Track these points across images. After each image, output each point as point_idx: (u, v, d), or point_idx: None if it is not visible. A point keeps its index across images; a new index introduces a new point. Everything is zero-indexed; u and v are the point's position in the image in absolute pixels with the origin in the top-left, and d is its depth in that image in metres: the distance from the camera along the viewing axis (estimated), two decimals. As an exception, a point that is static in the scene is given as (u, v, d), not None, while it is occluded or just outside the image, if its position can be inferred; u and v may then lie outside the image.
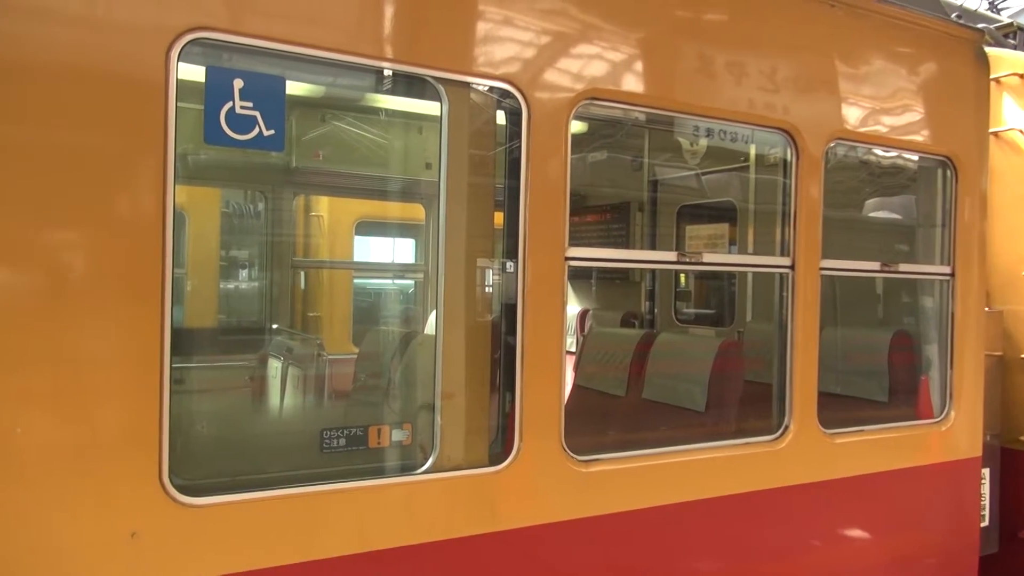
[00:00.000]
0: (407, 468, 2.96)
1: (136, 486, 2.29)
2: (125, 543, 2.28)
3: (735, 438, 3.72)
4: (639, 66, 3.29)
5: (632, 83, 3.26)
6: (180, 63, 2.34)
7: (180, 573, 2.37)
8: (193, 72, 2.44)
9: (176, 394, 2.37)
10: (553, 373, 3.01)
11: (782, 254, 3.75)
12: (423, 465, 2.89)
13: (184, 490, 2.36)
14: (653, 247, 6.75)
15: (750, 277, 6.06)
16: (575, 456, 3.07)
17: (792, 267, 3.71)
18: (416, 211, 6.12)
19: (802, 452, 3.71)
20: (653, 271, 6.71)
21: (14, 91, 2.16)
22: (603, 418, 4.65)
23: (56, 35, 2.21)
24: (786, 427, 3.69)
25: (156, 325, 2.30)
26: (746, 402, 4.14)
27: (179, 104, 2.34)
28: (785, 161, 3.76)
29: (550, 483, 3.02)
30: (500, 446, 3.00)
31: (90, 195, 2.24)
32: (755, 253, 5.72)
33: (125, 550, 2.28)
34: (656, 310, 6.80)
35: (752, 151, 5.33)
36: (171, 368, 2.34)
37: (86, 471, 2.23)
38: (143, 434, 2.29)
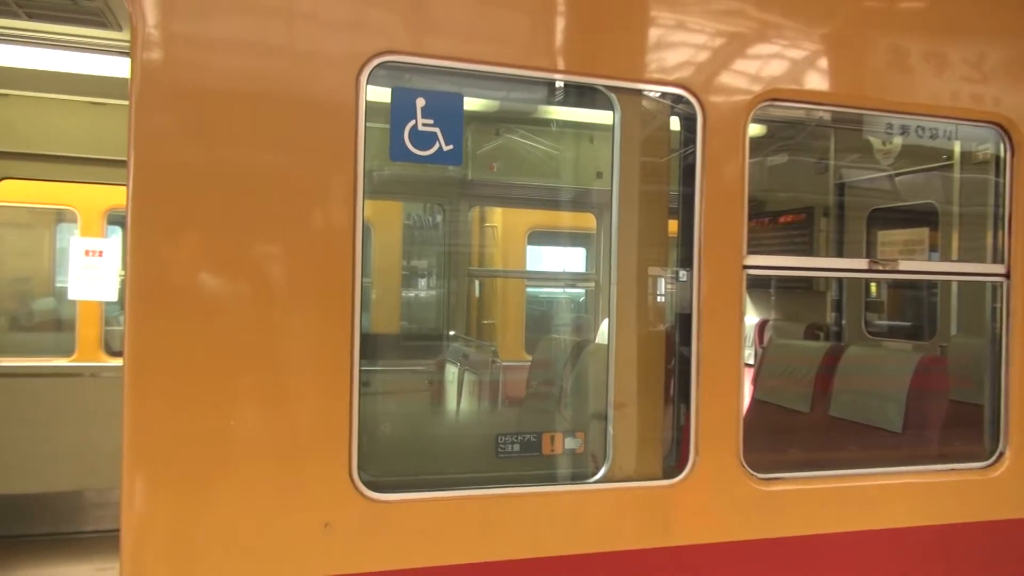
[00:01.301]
0: (578, 477, 2.96)
1: (329, 480, 2.46)
2: (319, 532, 2.46)
3: (938, 463, 3.39)
4: (823, 63, 3.10)
5: (816, 81, 3.08)
6: (368, 85, 2.51)
7: (367, 563, 2.51)
8: (378, 93, 2.60)
9: (363, 396, 2.53)
10: (731, 385, 2.90)
11: (995, 261, 3.37)
12: (595, 474, 2.87)
13: (371, 486, 2.51)
14: (840, 254, 6.32)
15: (955, 286, 5.51)
16: (755, 473, 2.93)
17: (1007, 275, 3.32)
18: (587, 220, 6.15)
19: (1021, 482, 3.30)
20: (840, 280, 6.28)
21: (228, 119, 2.40)
22: (785, 434, 4.41)
23: (262, 66, 2.44)
24: (1001, 453, 3.30)
25: (347, 331, 2.46)
26: (951, 424, 3.75)
27: (366, 124, 2.51)
28: (998, 158, 3.38)
29: (727, 500, 2.90)
30: (674, 459, 2.93)
31: (290, 212, 2.45)
32: (961, 260, 5.19)
33: (319, 538, 2.46)
34: (843, 322, 6.36)
35: (956, 148, 4.85)
36: (360, 371, 2.50)
37: (286, 463, 2.43)
38: (335, 432, 2.46)
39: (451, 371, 5.20)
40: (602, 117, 3.01)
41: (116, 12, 3.84)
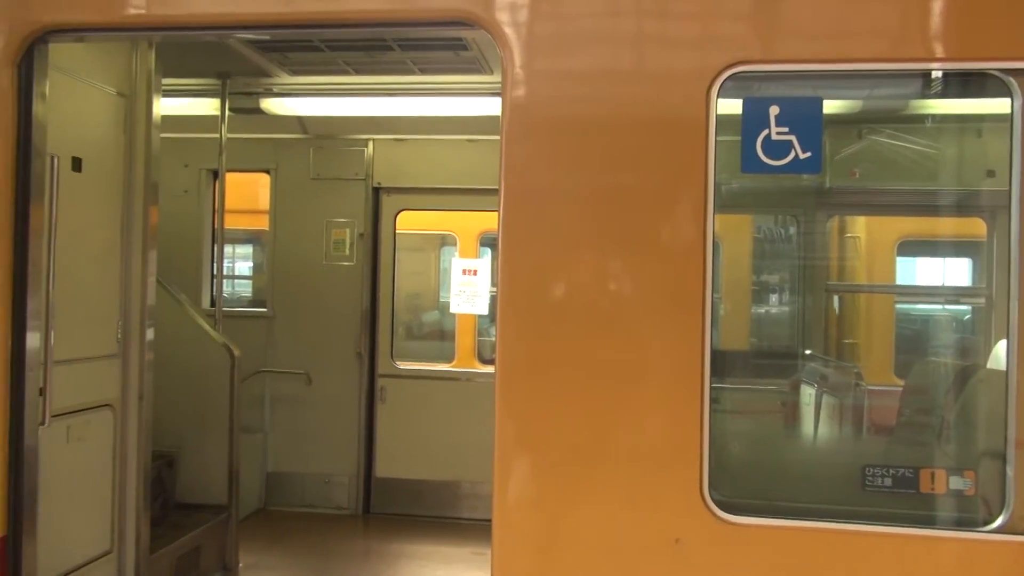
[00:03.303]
0: (965, 523, 2.58)
1: (680, 495, 2.47)
2: (670, 547, 2.47)
3: None
4: None
5: None
6: (718, 99, 2.48)
7: (718, 585, 2.46)
8: (727, 105, 2.56)
9: (713, 413, 2.49)
10: None
11: None
12: (989, 523, 2.47)
13: (722, 506, 2.46)
14: None
15: None
16: None
17: None
18: (974, 226, 5.33)
19: None
20: None
21: (585, 144, 2.56)
22: None
23: (615, 92, 2.55)
24: None
25: (698, 346, 2.46)
26: None
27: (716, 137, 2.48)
28: None
29: None
30: (1103, 516, 2.39)
31: (644, 229, 2.52)
32: None
33: (669, 554, 2.47)
34: None
35: None
36: (710, 388, 2.47)
37: (641, 474, 2.50)
38: (687, 448, 2.46)
39: (807, 393, 4.88)
40: (993, 106, 2.60)
41: (489, 58, 4.36)
